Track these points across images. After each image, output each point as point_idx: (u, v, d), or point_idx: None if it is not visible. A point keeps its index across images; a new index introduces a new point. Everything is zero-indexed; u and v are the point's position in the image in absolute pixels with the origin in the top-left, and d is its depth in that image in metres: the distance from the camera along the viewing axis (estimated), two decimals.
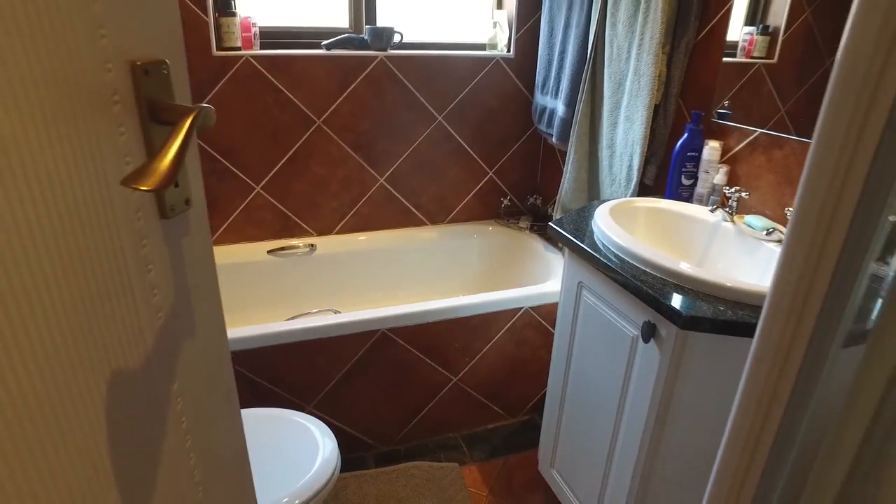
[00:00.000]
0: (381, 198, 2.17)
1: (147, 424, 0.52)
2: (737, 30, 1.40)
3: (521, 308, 1.77)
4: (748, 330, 0.94)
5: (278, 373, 1.57)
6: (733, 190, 1.30)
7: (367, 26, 1.97)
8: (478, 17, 2.21)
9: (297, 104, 1.93)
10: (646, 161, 1.59)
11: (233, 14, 1.79)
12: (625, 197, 1.57)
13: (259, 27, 1.88)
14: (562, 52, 1.90)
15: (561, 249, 2.03)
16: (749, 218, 1.27)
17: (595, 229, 1.28)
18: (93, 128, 0.42)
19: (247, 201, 2.00)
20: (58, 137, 0.39)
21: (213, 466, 0.64)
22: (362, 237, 2.17)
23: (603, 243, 1.22)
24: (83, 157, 0.41)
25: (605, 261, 1.15)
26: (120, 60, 0.44)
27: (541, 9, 2.05)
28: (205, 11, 1.74)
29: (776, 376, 0.49)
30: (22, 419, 0.37)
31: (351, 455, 1.74)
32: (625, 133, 1.61)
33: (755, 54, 1.36)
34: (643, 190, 1.64)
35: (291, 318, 2.02)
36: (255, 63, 1.84)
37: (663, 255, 1.09)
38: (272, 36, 1.93)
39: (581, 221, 1.36)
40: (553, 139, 1.98)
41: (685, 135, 1.47)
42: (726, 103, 1.45)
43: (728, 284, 1.00)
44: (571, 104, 1.84)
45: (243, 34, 1.82)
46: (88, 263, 0.42)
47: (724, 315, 0.96)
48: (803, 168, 0.43)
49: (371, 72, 1.96)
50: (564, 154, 1.90)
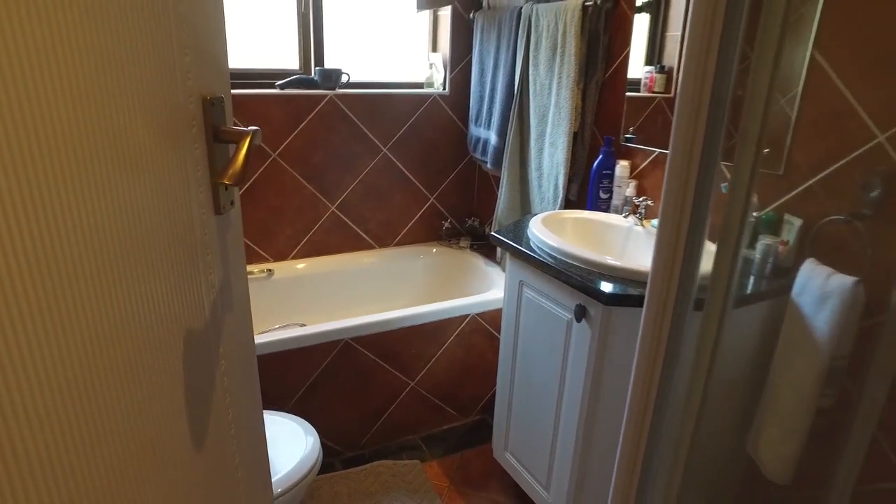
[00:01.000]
0: (333, 224, 2.33)
1: (205, 379, 0.66)
2: (639, 69, 1.69)
3: (468, 315, 1.97)
4: None
5: None
6: (641, 199, 1.57)
7: (317, 67, 2.16)
8: (415, 59, 2.45)
9: None
10: (569, 180, 1.85)
11: None
12: (553, 210, 1.82)
13: None
14: (492, 89, 2.16)
15: (500, 263, 2.25)
16: (655, 221, 1.53)
17: (531, 236, 1.50)
18: (181, 143, 0.58)
19: None
20: (166, 148, 0.55)
21: (243, 426, 0.78)
22: (317, 261, 2.31)
23: (539, 247, 1.45)
24: (177, 163, 0.58)
25: (542, 259, 1.38)
26: (197, 96, 0.61)
27: (471, 51, 2.32)
28: None
29: (659, 325, 0.73)
30: (142, 353, 0.52)
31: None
32: (550, 157, 1.87)
33: (656, 89, 1.65)
34: (568, 204, 1.90)
35: (259, 334, 2.11)
36: None
37: (589, 252, 1.33)
38: (230, 77, 2.08)
39: (518, 231, 1.58)
40: (487, 165, 2.22)
41: (600, 156, 1.74)
42: (632, 129, 1.73)
43: (640, 269, 1.24)
44: (502, 134, 2.10)
45: None
46: (180, 243, 0.58)
47: (637, 292, 1.19)
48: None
49: (321, 109, 2.15)
50: (498, 179, 2.14)
